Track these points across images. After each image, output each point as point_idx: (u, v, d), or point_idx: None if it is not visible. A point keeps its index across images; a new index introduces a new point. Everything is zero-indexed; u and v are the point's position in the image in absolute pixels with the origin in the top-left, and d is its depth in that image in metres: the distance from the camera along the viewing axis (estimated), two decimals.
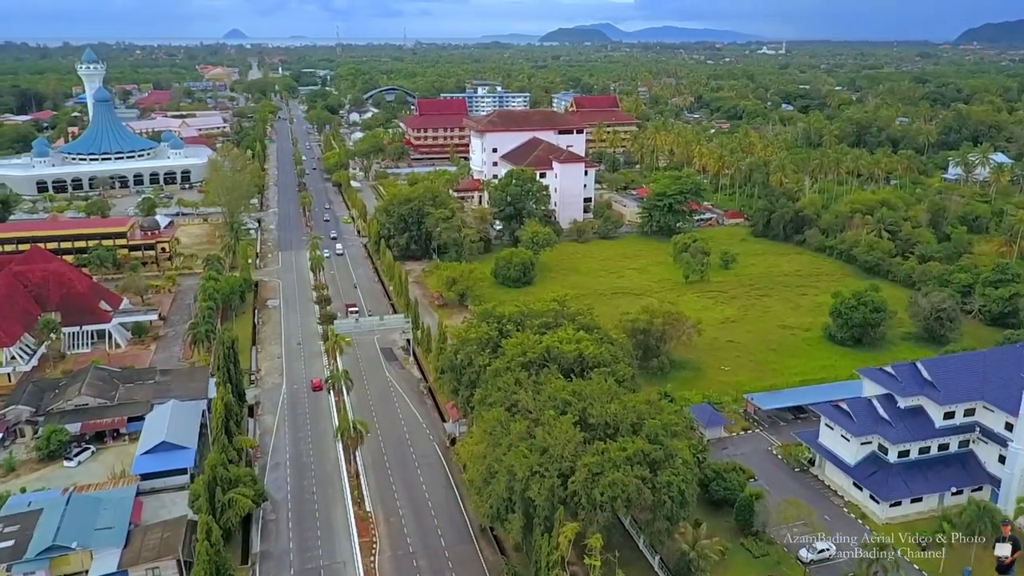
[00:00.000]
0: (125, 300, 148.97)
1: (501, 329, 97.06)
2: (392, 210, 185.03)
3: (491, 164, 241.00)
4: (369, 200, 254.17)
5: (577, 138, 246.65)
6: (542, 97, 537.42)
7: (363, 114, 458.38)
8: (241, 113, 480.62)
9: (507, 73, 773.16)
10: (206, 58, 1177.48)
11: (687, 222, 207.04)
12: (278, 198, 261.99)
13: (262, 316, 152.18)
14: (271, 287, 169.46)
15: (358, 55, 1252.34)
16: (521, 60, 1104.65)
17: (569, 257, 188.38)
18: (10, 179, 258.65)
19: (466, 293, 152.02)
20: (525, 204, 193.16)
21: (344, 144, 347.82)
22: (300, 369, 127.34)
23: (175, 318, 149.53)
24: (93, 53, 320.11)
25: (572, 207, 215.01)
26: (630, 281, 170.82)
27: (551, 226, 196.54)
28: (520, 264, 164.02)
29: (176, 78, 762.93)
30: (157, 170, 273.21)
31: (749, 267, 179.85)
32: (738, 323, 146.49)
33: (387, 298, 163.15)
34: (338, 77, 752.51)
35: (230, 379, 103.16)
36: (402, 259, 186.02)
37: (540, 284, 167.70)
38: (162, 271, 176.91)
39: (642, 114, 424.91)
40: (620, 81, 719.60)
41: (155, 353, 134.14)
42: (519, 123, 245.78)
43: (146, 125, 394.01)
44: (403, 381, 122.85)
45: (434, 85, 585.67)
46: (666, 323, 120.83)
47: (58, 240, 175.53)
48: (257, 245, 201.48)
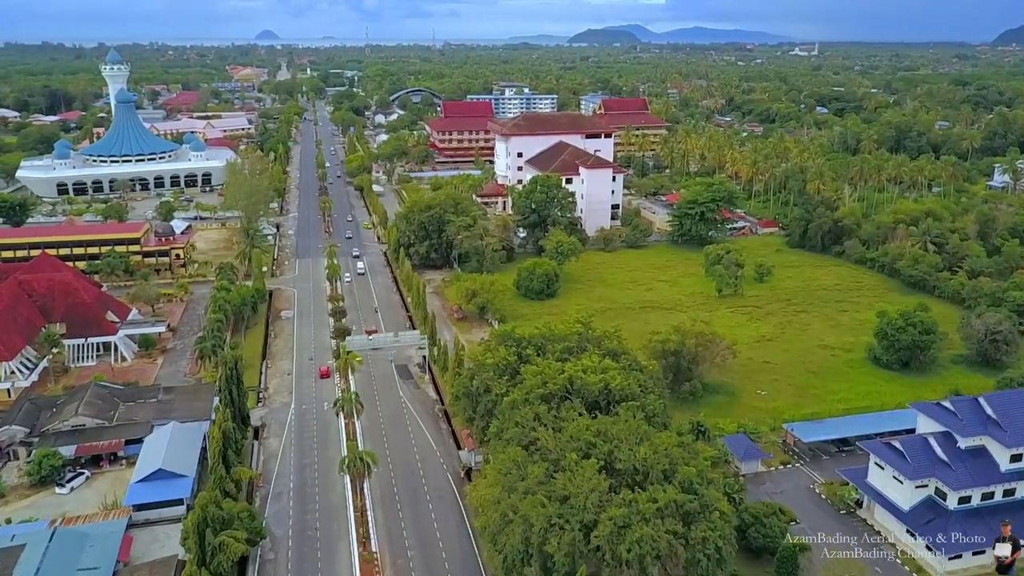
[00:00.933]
0: (134, 310, 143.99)
1: (520, 353, 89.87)
2: (412, 217, 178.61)
3: (516, 169, 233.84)
4: (391, 205, 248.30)
5: (605, 142, 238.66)
6: (570, 99, 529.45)
7: (389, 116, 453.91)
8: (267, 114, 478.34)
9: (535, 74, 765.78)
10: (236, 59, 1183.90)
11: (719, 231, 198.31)
12: (299, 202, 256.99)
13: (275, 328, 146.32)
14: (286, 297, 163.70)
15: (387, 56, 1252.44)
16: (549, 61, 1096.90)
17: (595, 267, 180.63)
18: (31, 181, 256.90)
19: (486, 306, 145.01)
20: (550, 212, 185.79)
21: (368, 147, 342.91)
22: (310, 388, 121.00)
23: (185, 329, 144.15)
24: (117, 54, 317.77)
25: (599, 214, 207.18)
26: (659, 294, 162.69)
27: (577, 234, 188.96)
28: (543, 276, 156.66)
29: (205, 79, 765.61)
30: (178, 173, 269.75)
31: (785, 280, 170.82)
32: (775, 342, 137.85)
33: (405, 310, 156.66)
34: (366, 78, 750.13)
35: (232, 401, 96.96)
36: (422, 268, 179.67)
37: (564, 296, 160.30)
38: (176, 278, 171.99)
39: (672, 117, 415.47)
40: (649, 83, 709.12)
41: (161, 367, 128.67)
42: (545, 127, 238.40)
43: (171, 126, 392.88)
44: (417, 402, 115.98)
45: (461, 86, 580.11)
46: (699, 344, 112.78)
47: (71, 246, 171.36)
48: (274, 252, 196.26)
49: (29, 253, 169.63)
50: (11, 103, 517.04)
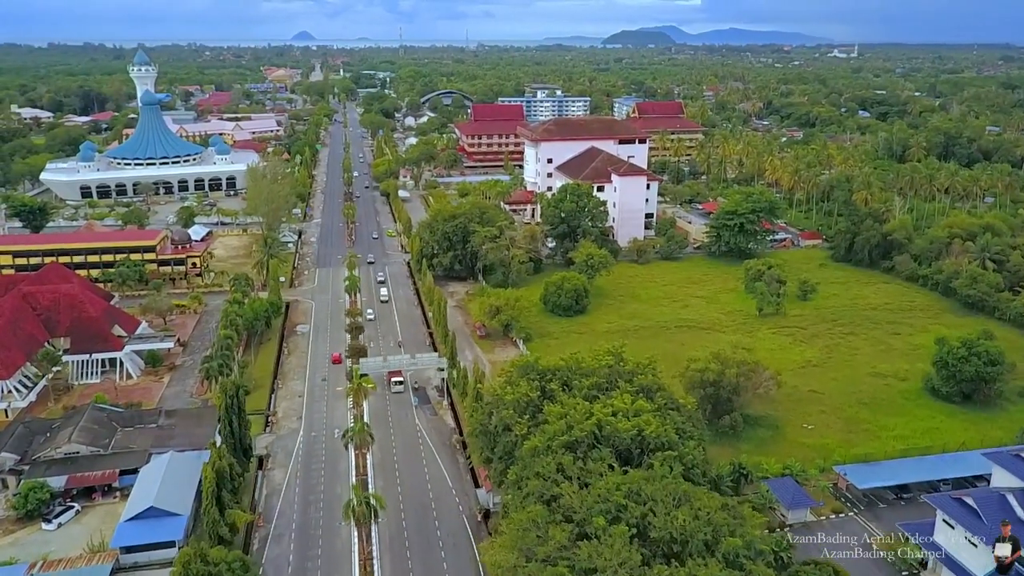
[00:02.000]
0: (143, 324, 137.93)
1: (544, 388, 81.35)
2: (436, 227, 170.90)
3: (545, 175, 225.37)
4: (417, 211, 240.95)
5: (639, 148, 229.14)
6: (603, 101, 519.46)
7: (419, 118, 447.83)
8: (297, 116, 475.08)
9: (568, 76, 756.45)
10: (271, 60, 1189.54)
11: (760, 243, 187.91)
12: (323, 207, 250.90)
13: (289, 344, 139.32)
14: (302, 310, 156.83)
15: (420, 57, 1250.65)
16: (583, 63, 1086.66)
17: (628, 281, 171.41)
18: (55, 184, 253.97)
19: (511, 324, 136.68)
20: (580, 222, 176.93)
21: (396, 150, 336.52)
22: (321, 413, 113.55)
23: (196, 344, 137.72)
24: (145, 55, 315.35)
25: (632, 224, 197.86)
26: (696, 312, 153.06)
27: (608, 245, 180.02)
28: (572, 291, 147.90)
29: (239, 79, 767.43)
30: (202, 176, 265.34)
31: (830, 298, 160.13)
32: (821, 368, 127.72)
33: (425, 325, 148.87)
34: (398, 79, 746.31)
35: (233, 433, 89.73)
36: (445, 279, 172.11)
37: (594, 313, 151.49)
38: (191, 288, 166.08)
39: (708, 120, 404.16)
40: (684, 85, 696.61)
41: (168, 386, 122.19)
42: (576, 132, 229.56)
43: (201, 128, 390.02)
44: (434, 431, 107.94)
45: (492, 88, 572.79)
46: (740, 375, 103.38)
47: (85, 253, 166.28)
48: (294, 260, 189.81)
49: (43, 260, 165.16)
50: (46, 103, 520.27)
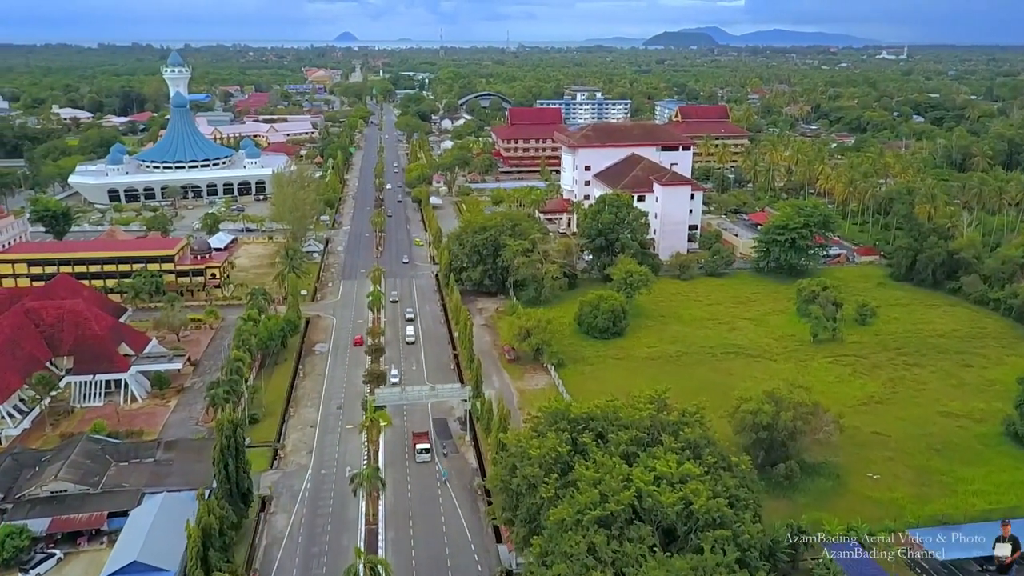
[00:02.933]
0: (153, 341, 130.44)
1: (575, 440, 71.04)
2: (465, 239, 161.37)
3: (583, 183, 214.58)
4: (449, 219, 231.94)
5: (683, 155, 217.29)
6: (644, 104, 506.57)
7: (455, 121, 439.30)
8: (332, 118, 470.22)
9: (608, 78, 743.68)
10: (313, 60, 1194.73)
11: (812, 260, 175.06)
12: (353, 214, 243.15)
13: (305, 366, 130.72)
14: (323, 327, 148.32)
15: (460, 58, 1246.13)
16: (624, 64, 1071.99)
17: (669, 299, 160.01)
18: (83, 187, 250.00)
19: (542, 348, 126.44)
20: (619, 235, 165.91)
21: (431, 154, 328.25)
22: (332, 447, 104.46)
23: (209, 363, 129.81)
24: (179, 56, 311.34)
25: (675, 236, 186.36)
26: (744, 336, 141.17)
27: (649, 259, 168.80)
28: (609, 312, 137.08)
29: (279, 80, 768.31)
30: (231, 180, 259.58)
31: (892, 322, 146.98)
32: (885, 405, 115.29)
33: (451, 346, 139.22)
34: (436, 81, 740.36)
35: (228, 477, 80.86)
36: (474, 294, 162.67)
37: (633, 335, 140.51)
38: (209, 301, 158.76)
39: (753, 125, 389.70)
40: (727, 87, 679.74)
41: (173, 411, 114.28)
42: (616, 138, 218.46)
43: (235, 130, 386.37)
44: (455, 472, 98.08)
45: (531, 90, 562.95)
46: (797, 417, 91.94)
47: (101, 263, 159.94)
48: (319, 271, 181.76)
49: (58, 269, 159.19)
50: (86, 103, 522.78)
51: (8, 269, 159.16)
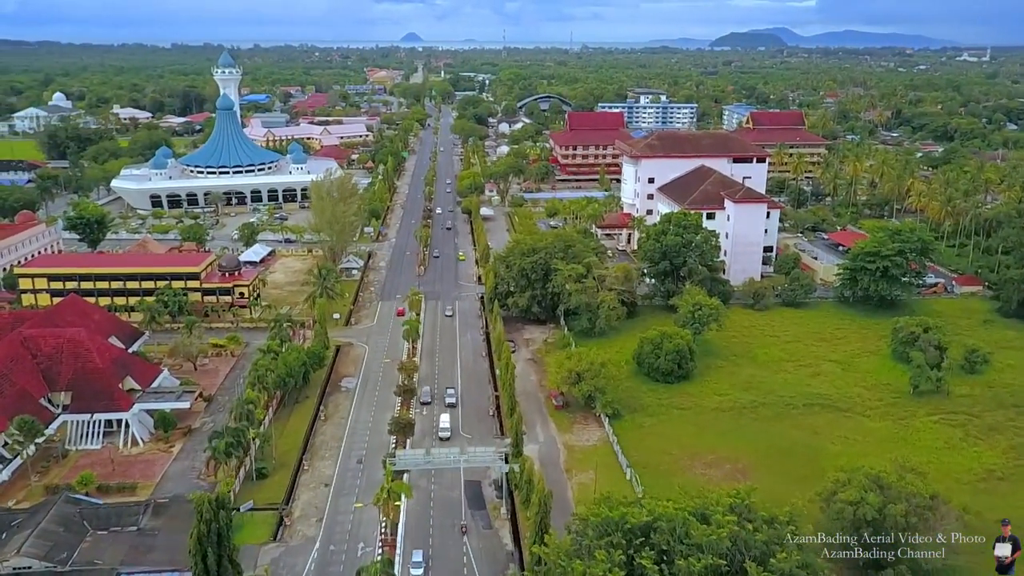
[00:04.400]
0: (164, 372, 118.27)
1: (632, 560, 54.68)
2: (512, 261, 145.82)
3: (645, 197, 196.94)
4: (500, 231, 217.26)
5: (757, 168, 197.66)
6: (711, 108, 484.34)
7: (513, 124, 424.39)
8: (389, 120, 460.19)
9: (673, 80, 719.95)
10: (376, 61, 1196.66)
11: (907, 291, 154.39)
12: (400, 225, 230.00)
13: (328, 406, 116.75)
14: (353, 357, 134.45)
15: (522, 59, 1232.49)
16: (689, 66, 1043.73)
17: (742, 334, 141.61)
18: (126, 192, 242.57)
19: (595, 395, 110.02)
20: (686, 259, 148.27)
21: (486, 160, 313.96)
22: (347, 514, 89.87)
23: (224, 398, 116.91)
24: (229, 56, 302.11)
25: (747, 259, 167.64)
26: (830, 383, 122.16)
27: (719, 285, 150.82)
28: (674, 352, 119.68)
29: (341, 80, 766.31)
30: (276, 186, 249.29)
31: (1006, 371, 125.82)
32: (1008, 481, 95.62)
33: (492, 385, 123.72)
34: (497, 82, 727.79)
35: (207, 570, 66.68)
36: (522, 322, 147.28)
37: (701, 379, 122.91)
38: (235, 323, 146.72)
39: (829, 131, 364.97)
40: (799, 90, 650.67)
41: (176, 458, 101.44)
42: (683, 147, 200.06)
43: (289, 132, 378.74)
44: (486, 557, 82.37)
45: (593, 92, 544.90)
46: (910, 512, 73.73)
47: (123, 279, 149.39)
48: (357, 290, 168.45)
49: (79, 285, 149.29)
50: (148, 103, 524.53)
51: (28, 284, 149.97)
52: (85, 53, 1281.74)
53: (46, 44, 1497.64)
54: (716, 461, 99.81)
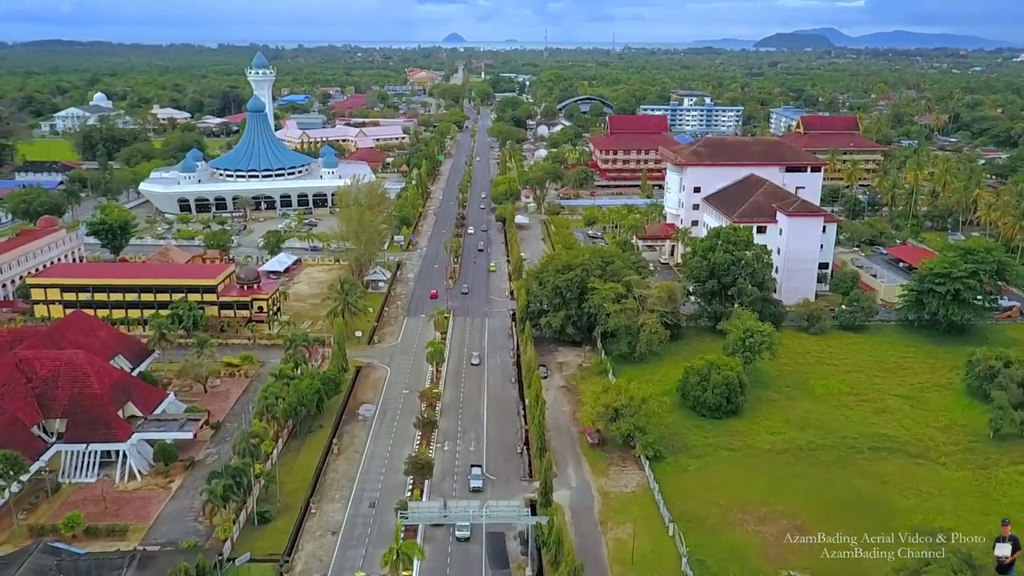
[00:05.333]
0: (170, 396, 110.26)
1: None
2: (546, 278, 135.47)
3: (691, 207, 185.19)
4: (535, 241, 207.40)
5: (811, 177, 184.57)
6: (758, 111, 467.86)
7: (552, 127, 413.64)
8: (426, 122, 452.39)
9: (717, 81, 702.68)
10: (417, 61, 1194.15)
11: (981, 316, 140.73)
12: (432, 233, 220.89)
13: (343, 437, 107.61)
14: (373, 380, 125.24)
15: (563, 59, 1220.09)
16: (734, 67, 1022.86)
17: (796, 362, 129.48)
18: (154, 195, 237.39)
19: (634, 434, 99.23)
20: (735, 278, 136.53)
21: (523, 164, 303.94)
22: (355, 565, 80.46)
23: (232, 426, 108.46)
24: (263, 57, 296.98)
25: (801, 277, 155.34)
26: (897, 422, 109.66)
27: (771, 306, 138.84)
28: (723, 385, 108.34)
29: (381, 81, 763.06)
30: (306, 191, 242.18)
31: None
32: None
33: (521, 417, 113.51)
34: (537, 83, 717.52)
35: None
36: (555, 343, 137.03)
37: (752, 415, 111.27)
38: (253, 339, 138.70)
39: (883, 136, 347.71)
40: (848, 92, 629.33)
41: (173, 496, 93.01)
42: (732, 155, 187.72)
43: (324, 134, 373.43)
44: None
45: (635, 94, 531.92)
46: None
47: (138, 291, 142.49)
48: (383, 304, 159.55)
49: (92, 296, 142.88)
50: (187, 103, 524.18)
51: (41, 294, 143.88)
52: (134, 53, 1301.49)
53: (98, 44, 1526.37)
54: (770, 515, 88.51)
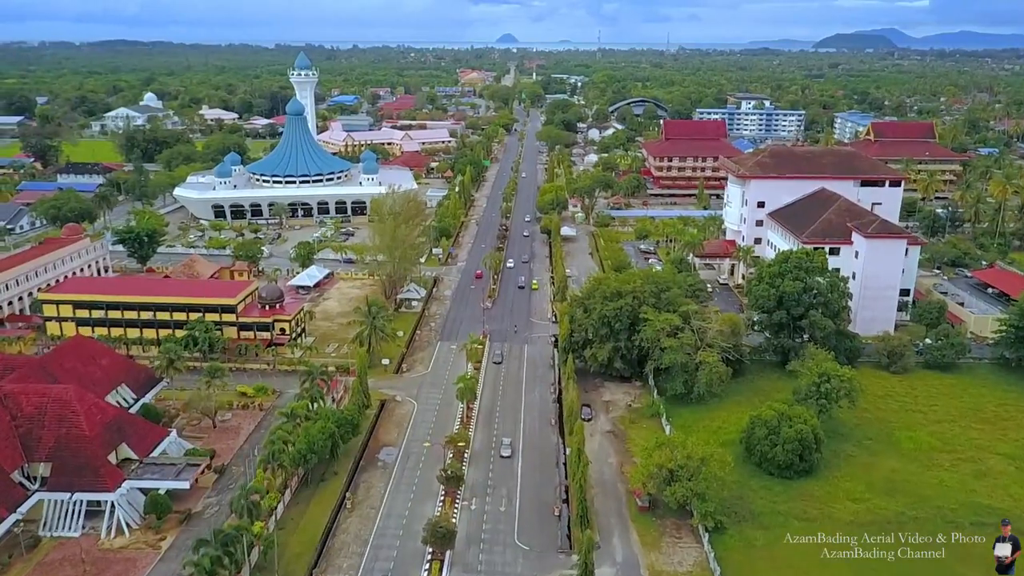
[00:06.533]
0: (172, 434, 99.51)
1: None
2: (592, 305, 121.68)
3: (754, 223, 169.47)
4: (582, 256, 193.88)
5: (889, 192, 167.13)
6: (820, 115, 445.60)
7: (604, 131, 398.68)
8: (474, 124, 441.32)
9: (776, 83, 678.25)
10: (469, 62, 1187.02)
11: None
12: (472, 245, 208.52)
13: (359, 488, 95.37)
14: (398, 418, 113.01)
15: (617, 60, 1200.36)
16: (792, 68, 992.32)
17: (876, 406, 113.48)
18: (188, 201, 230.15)
19: (690, 499, 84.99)
20: (807, 310, 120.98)
21: (572, 171, 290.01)
22: None
23: (239, 470, 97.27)
24: (306, 58, 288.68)
25: (880, 306, 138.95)
26: (1004, 490, 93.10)
27: (846, 341, 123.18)
28: (795, 440, 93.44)
29: (433, 82, 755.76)
30: (344, 198, 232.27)
31: None
32: None
33: (561, 467, 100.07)
34: (589, 84, 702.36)
35: None
36: (602, 377, 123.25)
37: (828, 475, 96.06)
38: (272, 364, 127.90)
39: (959, 145, 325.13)
40: (916, 96, 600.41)
41: (162, 557, 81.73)
42: (801, 167, 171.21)
43: (369, 136, 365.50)
44: None
45: (690, 96, 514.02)
46: None
47: (153, 309, 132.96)
48: (415, 325, 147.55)
49: (106, 314, 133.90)
50: (236, 104, 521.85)
51: (52, 311, 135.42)
52: (192, 53, 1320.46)
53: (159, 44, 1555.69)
54: None
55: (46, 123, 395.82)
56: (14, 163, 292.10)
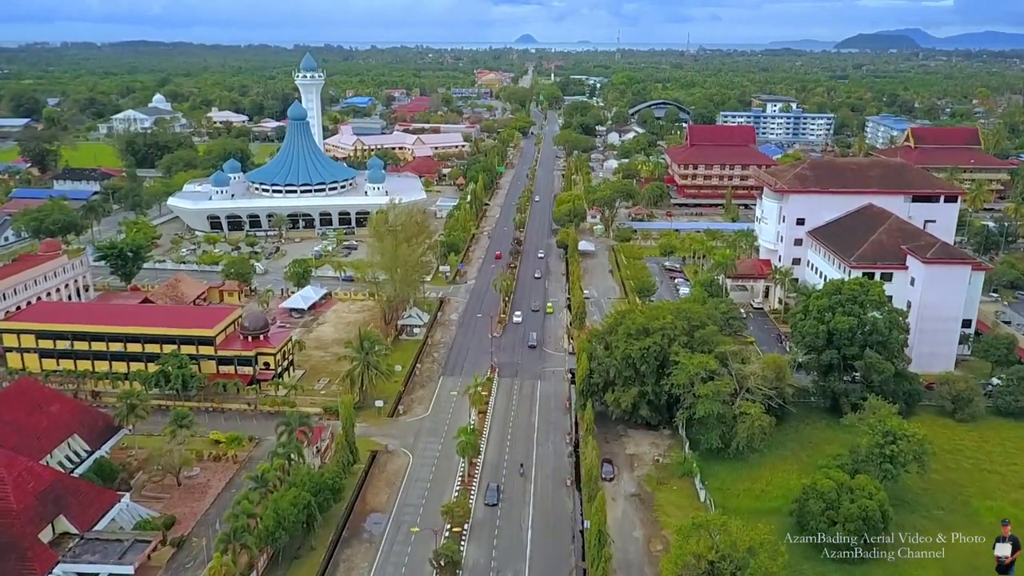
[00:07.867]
0: (124, 499, 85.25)
1: None
2: (615, 343, 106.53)
3: (792, 242, 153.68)
4: (601, 273, 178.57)
5: (944, 209, 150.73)
6: (850, 118, 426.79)
7: (624, 135, 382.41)
8: (490, 127, 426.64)
9: (801, 85, 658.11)
10: (487, 62, 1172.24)
11: None
12: (483, 260, 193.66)
13: (337, 570, 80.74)
14: (389, 475, 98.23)
15: (637, 61, 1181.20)
16: (815, 69, 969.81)
17: (946, 465, 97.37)
18: (183, 211, 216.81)
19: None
20: (862, 348, 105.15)
21: (590, 178, 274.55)
22: None
23: (201, 541, 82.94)
24: (312, 60, 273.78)
25: (940, 340, 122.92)
26: None
27: (905, 383, 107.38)
28: (858, 517, 77.93)
29: (450, 83, 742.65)
30: (348, 209, 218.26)
31: None
32: None
33: (578, 544, 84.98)
34: (608, 86, 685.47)
35: None
36: (626, 424, 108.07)
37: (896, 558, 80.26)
38: (254, 404, 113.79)
39: (1001, 151, 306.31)
40: (946, 98, 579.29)
41: None
42: (845, 180, 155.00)
43: (380, 140, 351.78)
44: None
45: (713, 98, 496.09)
46: None
47: (124, 340, 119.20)
48: (416, 356, 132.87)
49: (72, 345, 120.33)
50: (247, 106, 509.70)
51: (13, 340, 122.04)
52: (212, 54, 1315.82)
53: (180, 45, 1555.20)
54: None
55: (51, 126, 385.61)
56: (9, 168, 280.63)
